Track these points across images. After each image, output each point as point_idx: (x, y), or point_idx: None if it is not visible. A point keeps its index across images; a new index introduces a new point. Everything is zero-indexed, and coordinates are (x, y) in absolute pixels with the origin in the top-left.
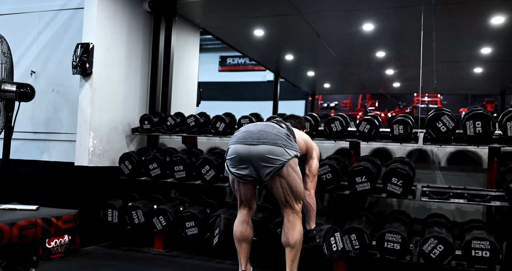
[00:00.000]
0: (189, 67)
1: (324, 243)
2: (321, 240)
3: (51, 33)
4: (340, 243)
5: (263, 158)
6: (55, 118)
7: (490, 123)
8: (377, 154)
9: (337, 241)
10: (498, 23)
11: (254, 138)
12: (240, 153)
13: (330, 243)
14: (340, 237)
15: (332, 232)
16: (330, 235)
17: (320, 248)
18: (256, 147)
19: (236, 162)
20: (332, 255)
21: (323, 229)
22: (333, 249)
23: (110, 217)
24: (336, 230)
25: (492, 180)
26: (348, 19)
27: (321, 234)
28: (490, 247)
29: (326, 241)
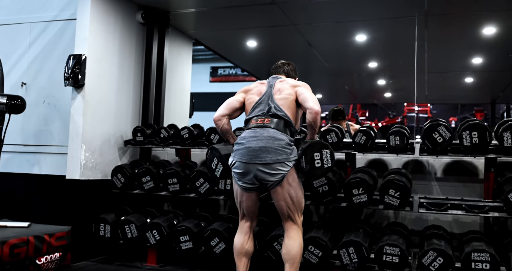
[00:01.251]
0: (182, 79)
1: (304, 156)
2: (301, 152)
3: (43, 44)
4: (328, 161)
5: (266, 173)
6: (46, 131)
7: (486, 133)
8: (373, 165)
9: (324, 158)
10: (489, 33)
11: (256, 156)
12: (245, 170)
13: (313, 158)
14: (329, 155)
15: (319, 147)
16: (314, 149)
17: (298, 160)
18: (259, 166)
19: (242, 176)
20: (312, 170)
21: (309, 142)
22: (315, 165)
23: (102, 231)
24: (325, 146)
25: (489, 190)
26: (340, 30)
27: (303, 146)
28: (490, 259)
29: (307, 155)
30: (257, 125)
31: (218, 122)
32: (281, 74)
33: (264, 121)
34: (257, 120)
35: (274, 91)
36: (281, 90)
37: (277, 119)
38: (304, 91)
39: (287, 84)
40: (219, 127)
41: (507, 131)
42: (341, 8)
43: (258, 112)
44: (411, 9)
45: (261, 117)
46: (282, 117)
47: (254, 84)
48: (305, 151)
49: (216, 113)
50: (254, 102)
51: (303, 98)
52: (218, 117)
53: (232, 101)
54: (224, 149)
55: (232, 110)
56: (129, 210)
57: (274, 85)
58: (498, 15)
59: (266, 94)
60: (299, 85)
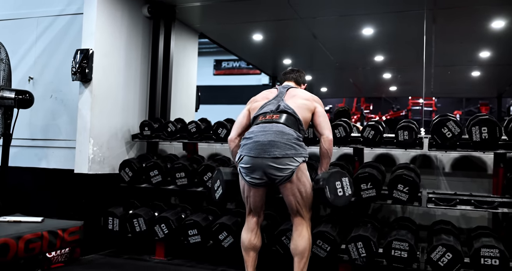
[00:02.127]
0: (188, 72)
1: (327, 186)
2: (324, 183)
3: (49, 39)
4: (348, 189)
5: (274, 168)
6: (54, 125)
7: (496, 129)
8: (381, 159)
9: (344, 186)
10: (498, 27)
11: (265, 150)
12: (253, 164)
13: (335, 187)
14: (348, 183)
15: (339, 176)
16: (336, 178)
17: (323, 191)
18: (268, 160)
19: (250, 171)
20: (336, 199)
21: (329, 172)
22: (338, 193)
23: (110, 225)
24: (344, 174)
25: (498, 186)
26: (346, 23)
27: (325, 177)
28: (500, 255)
29: (330, 184)
30: (265, 121)
31: (231, 143)
32: (290, 80)
33: (272, 117)
34: (265, 116)
35: (285, 96)
36: (295, 97)
37: (286, 115)
38: (322, 113)
39: (302, 94)
40: (230, 148)
41: None
42: (347, 1)
43: (267, 110)
44: (420, 3)
45: (270, 114)
46: (291, 114)
47: (261, 93)
48: (327, 181)
49: (230, 135)
50: (260, 106)
51: (320, 122)
52: (232, 139)
53: (240, 119)
54: (229, 174)
55: (242, 129)
56: (137, 203)
57: (285, 92)
58: (508, 8)
59: (276, 98)
60: (317, 102)
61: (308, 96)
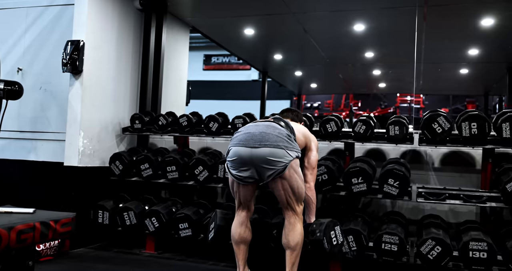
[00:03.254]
0: (179, 66)
1: (325, 237)
2: (321, 234)
3: (39, 29)
4: (340, 237)
5: (265, 161)
6: (43, 117)
7: (485, 124)
8: (371, 154)
9: (337, 234)
10: (487, 25)
11: (255, 140)
12: (242, 155)
13: (330, 237)
14: (340, 231)
15: (332, 225)
16: (330, 228)
17: (321, 242)
18: (258, 149)
19: (238, 164)
20: (332, 248)
21: (323, 223)
22: (333, 243)
23: (100, 218)
24: (336, 223)
25: (486, 180)
26: (337, 19)
27: (321, 228)
28: (488, 248)
29: (327, 235)
30: (257, 121)
31: None
32: (287, 118)
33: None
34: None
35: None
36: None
37: (280, 120)
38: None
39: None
40: None
41: (506, 122)
42: None
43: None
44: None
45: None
46: (285, 122)
47: None
48: (324, 232)
49: None
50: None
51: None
52: None
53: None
54: (223, 219)
55: None
56: (127, 197)
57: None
58: (497, 6)
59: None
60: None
61: (305, 131)
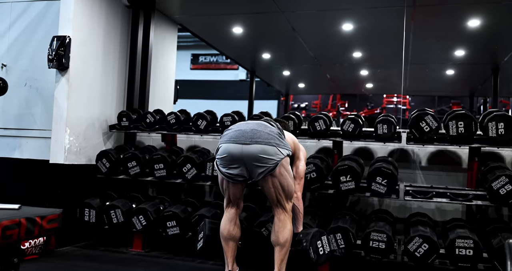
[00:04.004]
0: (166, 64)
1: (311, 247)
2: (307, 244)
3: (24, 25)
4: (327, 246)
5: (256, 158)
6: (28, 114)
7: (472, 123)
8: (359, 153)
9: (324, 244)
10: (474, 26)
11: (246, 137)
12: (232, 152)
13: (317, 247)
14: (327, 240)
15: (318, 235)
16: (316, 238)
17: (307, 252)
18: (249, 146)
19: (227, 162)
20: (318, 258)
21: (310, 232)
22: (319, 253)
23: (87, 216)
24: (322, 233)
25: (472, 179)
26: (326, 18)
27: (308, 238)
28: (474, 245)
29: (313, 245)
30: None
31: None
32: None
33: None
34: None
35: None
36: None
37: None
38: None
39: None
40: None
41: (492, 121)
42: None
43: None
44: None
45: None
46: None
47: None
48: (311, 242)
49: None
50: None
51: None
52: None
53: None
54: (212, 229)
55: None
56: (114, 195)
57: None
58: (484, 7)
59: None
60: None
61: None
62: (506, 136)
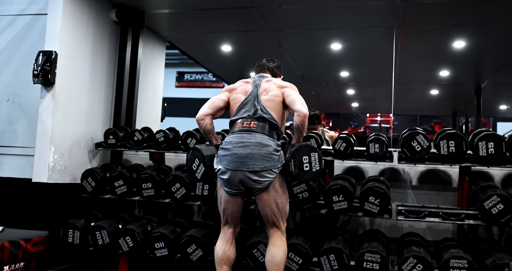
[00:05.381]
0: (154, 81)
1: (293, 159)
2: (289, 156)
3: (8, 39)
4: (316, 164)
5: (253, 180)
6: (10, 131)
7: (462, 143)
8: (350, 172)
9: (313, 161)
10: (459, 47)
11: (243, 163)
12: (231, 176)
13: (301, 161)
14: (317, 158)
15: (307, 150)
16: (303, 152)
17: (287, 163)
18: (246, 172)
19: (229, 183)
20: (301, 173)
21: (298, 144)
22: (304, 168)
23: (70, 237)
24: (313, 149)
25: (463, 198)
26: (314, 37)
27: (292, 150)
28: (468, 265)
29: (296, 158)
30: (243, 129)
31: (201, 122)
32: (265, 72)
33: (250, 124)
34: (243, 124)
35: (260, 91)
36: (267, 91)
37: (263, 123)
38: (291, 92)
39: (273, 84)
40: (201, 127)
41: (482, 141)
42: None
43: (244, 114)
44: (388, 21)
45: (247, 120)
46: (268, 120)
47: (239, 83)
48: (293, 154)
49: (199, 113)
50: (240, 102)
51: (290, 100)
52: (201, 117)
53: (215, 100)
54: (206, 150)
55: (215, 109)
56: (99, 215)
57: (260, 85)
58: (468, 28)
59: (252, 95)
60: (286, 86)
61: (279, 84)
62: (496, 155)
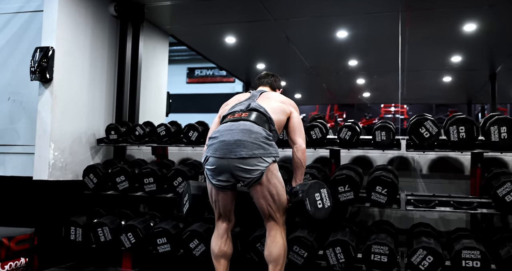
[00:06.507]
0: (158, 75)
1: (307, 198)
2: (304, 195)
3: (7, 37)
4: (327, 201)
5: (241, 169)
6: (11, 129)
7: (473, 128)
8: (358, 162)
9: (323, 197)
10: (470, 30)
11: (231, 150)
12: (219, 165)
13: (315, 199)
14: (327, 194)
15: (317, 187)
16: (315, 190)
17: (303, 203)
18: (233, 160)
19: (216, 173)
20: (316, 211)
21: (307, 183)
22: (318, 206)
23: (73, 235)
24: (322, 185)
25: (476, 186)
26: (320, 25)
27: (304, 189)
28: (481, 256)
29: (310, 197)
30: (233, 119)
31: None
32: (265, 85)
33: (241, 115)
34: (233, 115)
35: (258, 98)
36: (269, 99)
37: (257, 113)
38: (297, 120)
39: (277, 96)
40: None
41: (494, 125)
42: (320, 1)
43: (236, 109)
44: (394, 4)
45: (239, 112)
46: (262, 112)
47: (233, 97)
48: (307, 192)
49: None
50: (232, 105)
51: (295, 128)
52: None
53: (215, 119)
54: (196, 188)
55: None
56: (102, 212)
57: (258, 95)
58: (479, 10)
59: (248, 100)
60: (293, 107)
61: (284, 99)
62: (509, 140)
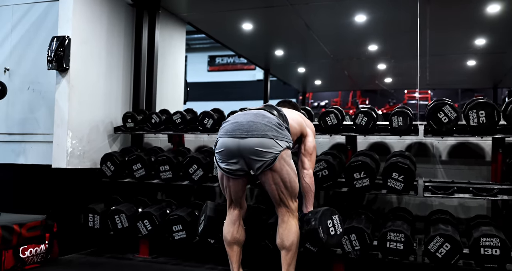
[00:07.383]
0: (175, 63)
1: (320, 226)
2: (316, 223)
3: (26, 27)
4: (339, 227)
5: (253, 151)
6: (32, 118)
7: (494, 112)
8: (375, 148)
9: (335, 224)
10: (494, 11)
11: (243, 130)
12: (229, 146)
13: (327, 226)
14: (338, 220)
15: (329, 214)
16: (327, 217)
17: (316, 231)
18: (245, 140)
19: (226, 156)
20: (329, 239)
21: (319, 210)
22: (330, 233)
23: (91, 222)
24: (334, 212)
25: (497, 172)
26: (339, 9)
27: (317, 216)
28: (500, 244)
29: (323, 224)
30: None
31: None
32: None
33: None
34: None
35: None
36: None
37: (272, 107)
38: (313, 144)
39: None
40: None
41: None
42: None
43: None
44: None
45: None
46: (278, 109)
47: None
48: (320, 220)
49: None
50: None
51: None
52: None
53: None
54: (213, 210)
55: None
56: (120, 199)
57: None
58: None
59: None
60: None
61: (306, 119)
62: None
